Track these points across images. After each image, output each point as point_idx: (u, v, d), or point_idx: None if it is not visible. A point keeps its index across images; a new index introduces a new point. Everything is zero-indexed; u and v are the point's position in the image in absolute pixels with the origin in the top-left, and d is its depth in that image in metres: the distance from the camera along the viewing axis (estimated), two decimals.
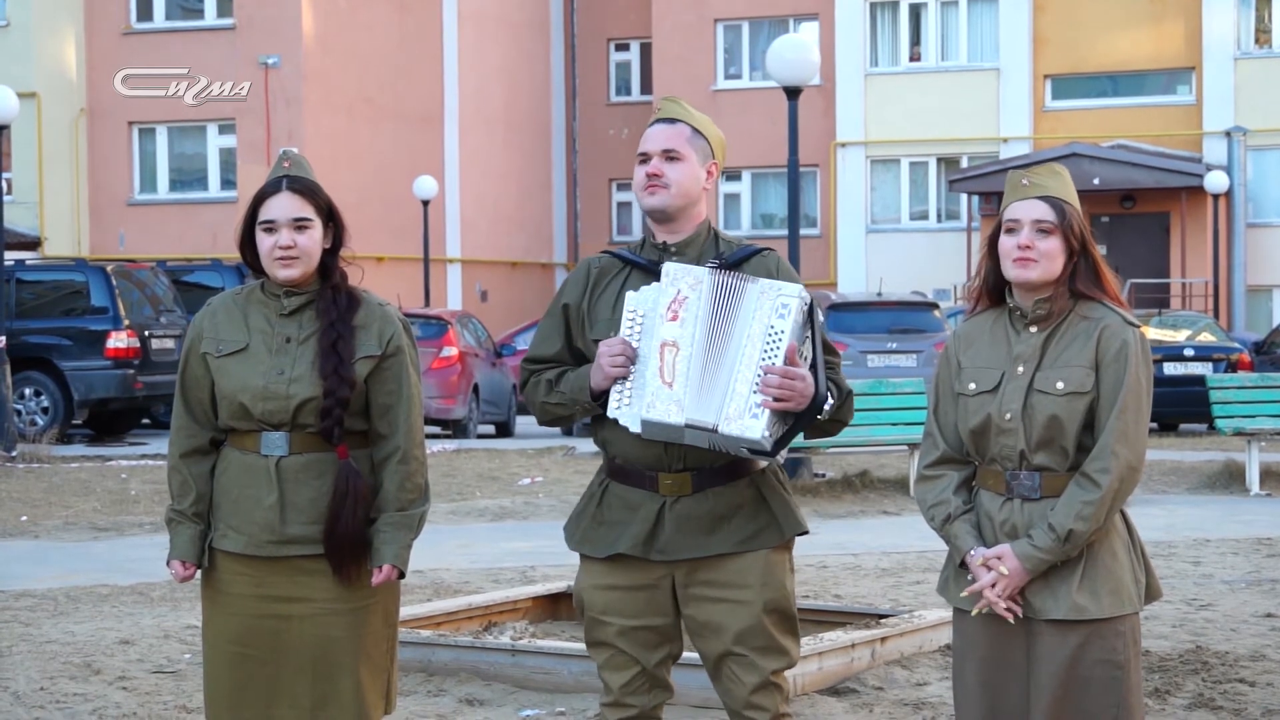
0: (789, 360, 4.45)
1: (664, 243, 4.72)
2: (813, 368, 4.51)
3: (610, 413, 4.56)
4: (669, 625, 4.73)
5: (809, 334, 4.51)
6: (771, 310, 4.48)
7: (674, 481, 4.64)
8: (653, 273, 4.66)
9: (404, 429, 4.72)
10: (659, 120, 4.74)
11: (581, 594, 4.78)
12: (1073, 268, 4.43)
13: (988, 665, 4.47)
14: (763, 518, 4.68)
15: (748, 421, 4.43)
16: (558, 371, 4.73)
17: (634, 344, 4.55)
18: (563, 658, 7.30)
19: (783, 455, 4.75)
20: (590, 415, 4.69)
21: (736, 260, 4.66)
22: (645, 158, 4.70)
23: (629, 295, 4.61)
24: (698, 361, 4.48)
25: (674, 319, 4.51)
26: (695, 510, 4.64)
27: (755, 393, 4.44)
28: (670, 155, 4.68)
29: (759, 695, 4.65)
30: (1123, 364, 4.35)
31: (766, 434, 4.44)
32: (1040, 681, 4.39)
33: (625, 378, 4.53)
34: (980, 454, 4.47)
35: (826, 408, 4.54)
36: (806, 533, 4.75)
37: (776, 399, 4.43)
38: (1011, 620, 4.39)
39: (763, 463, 4.69)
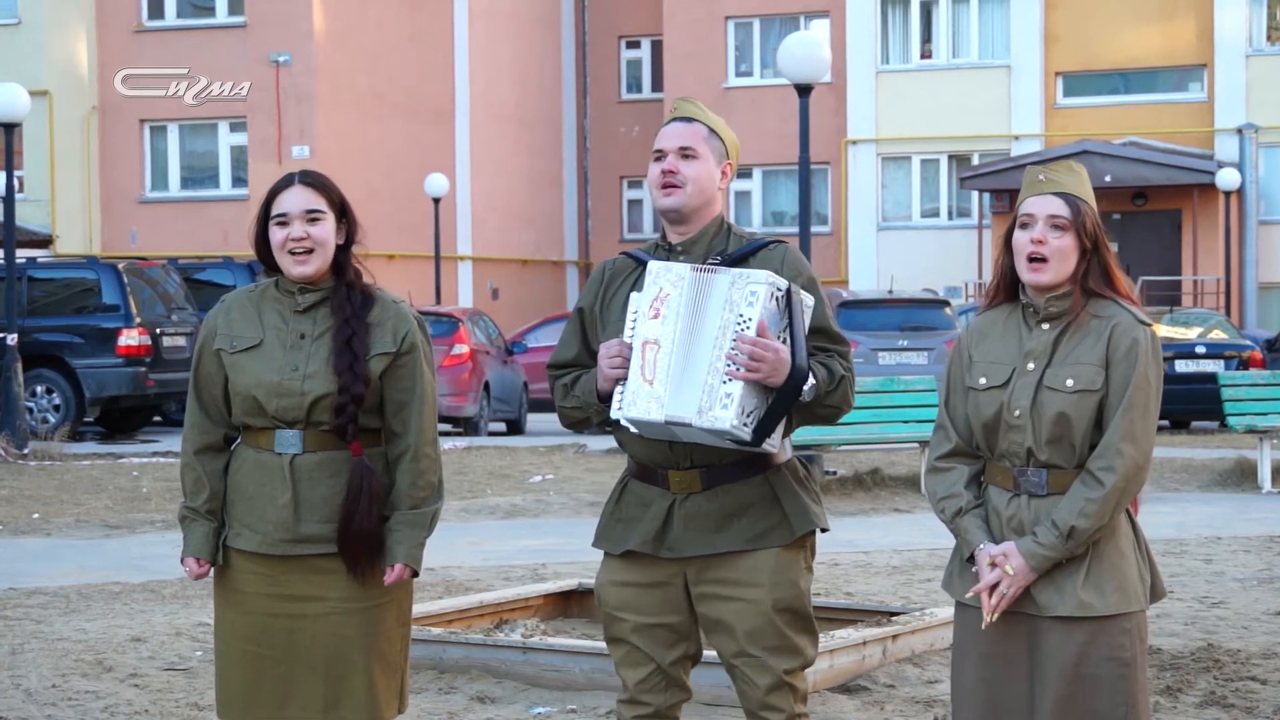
0: (759, 334, 4.39)
1: (670, 243, 4.69)
2: (789, 345, 4.43)
3: (612, 414, 4.54)
4: (683, 624, 4.71)
5: (787, 320, 4.45)
6: (741, 299, 4.43)
7: (683, 479, 4.63)
8: None
9: (417, 427, 4.72)
10: (675, 119, 4.71)
11: (600, 590, 4.79)
12: (1085, 266, 4.42)
13: (988, 661, 4.45)
14: (774, 515, 4.63)
15: (718, 412, 4.39)
16: (574, 376, 4.73)
17: (631, 344, 4.52)
18: (574, 655, 7.30)
19: (786, 446, 4.67)
20: (602, 417, 4.67)
21: (742, 255, 4.62)
22: (661, 155, 4.66)
23: (632, 296, 4.58)
24: (677, 358, 4.45)
25: (655, 317, 4.48)
26: (704, 508, 4.62)
27: (724, 383, 4.40)
28: (686, 153, 4.64)
29: (773, 696, 4.63)
30: (1132, 362, 4.33)
31: (737, 422, 4.38)
32: (1046, 679, 4.37)
33: (625, 379, 4.51)
34: (990, 449, 4.46)
35: (807, 387, 4.45)
36: (826, 530, 4.71)
37: (747, 370, 4.37)
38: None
39: (784, 457, 4.64)
